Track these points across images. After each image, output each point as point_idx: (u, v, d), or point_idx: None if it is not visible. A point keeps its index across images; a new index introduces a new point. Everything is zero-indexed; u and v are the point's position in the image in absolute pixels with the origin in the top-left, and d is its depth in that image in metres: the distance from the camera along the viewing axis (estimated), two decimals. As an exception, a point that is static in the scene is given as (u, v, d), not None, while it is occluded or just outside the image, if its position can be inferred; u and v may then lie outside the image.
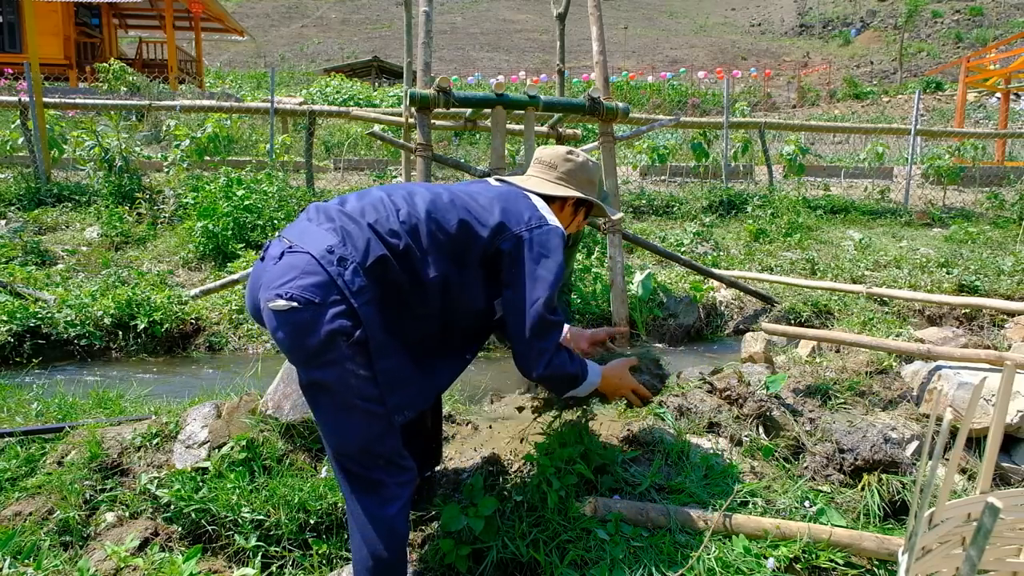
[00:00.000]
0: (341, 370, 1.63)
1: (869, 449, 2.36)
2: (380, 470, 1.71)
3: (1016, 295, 5.09)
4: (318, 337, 1.60)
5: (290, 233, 1.75)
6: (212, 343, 4.42)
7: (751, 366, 2.90)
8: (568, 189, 2.08)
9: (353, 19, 45.84)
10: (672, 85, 26.99)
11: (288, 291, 1.60)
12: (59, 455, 2.34)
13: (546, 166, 2.11)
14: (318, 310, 1.59)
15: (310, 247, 1.66)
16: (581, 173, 2.10)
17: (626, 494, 2.19)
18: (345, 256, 1.65)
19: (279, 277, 1.64)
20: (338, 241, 1.67)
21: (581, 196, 2.09)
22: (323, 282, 1.61)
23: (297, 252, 1.67)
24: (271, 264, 1.69)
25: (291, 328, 1.61)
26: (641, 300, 4.79)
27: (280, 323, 1.62)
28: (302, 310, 1.59)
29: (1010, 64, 13.98)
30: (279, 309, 1.60)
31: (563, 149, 2.12)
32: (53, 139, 8.08)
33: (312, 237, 1.69)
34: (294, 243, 1.70)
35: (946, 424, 1.34)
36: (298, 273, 1.62)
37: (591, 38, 4.85)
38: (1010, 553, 1.55)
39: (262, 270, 1.72)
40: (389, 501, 1.71)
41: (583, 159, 2.11)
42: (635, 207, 8.64)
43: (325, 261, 1.63)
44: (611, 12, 43.81)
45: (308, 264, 1.63)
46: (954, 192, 10.62)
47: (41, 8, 15.23)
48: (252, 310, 1.81)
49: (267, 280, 1.67)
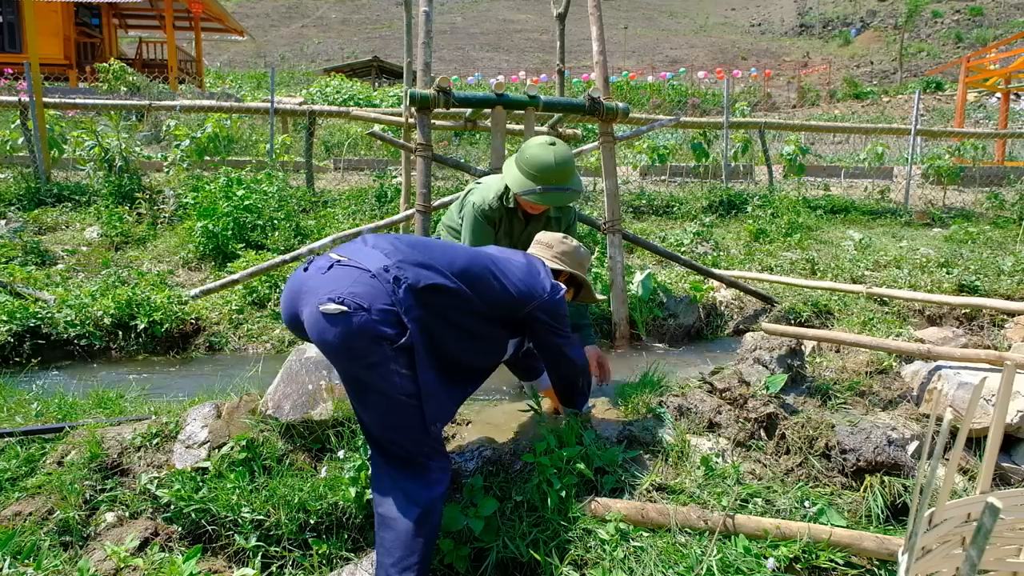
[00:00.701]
0: (385, 370, 1.79)
1: (872, 451, 2.35)
2: (425, 455, 1.88)
3: (1016, 295, 5.09)
4: (365, 340, 1.76)
5: (341, 251, 1.93)
6: (212, 343, 4.42)
7: (751, 366, 2.89)
8: (563, 265, 2.47)
9: (353, 19, 45.84)
10: (672, 85, 26.98)
11: (340, 296, 1.76)
12: (59, 455, 2.34)
13: (545, 246, 2.52)
14: (367, 315, 1.76)
15: (366, 263, 1.84)
16: (574, 255, 2.51)
17: (627, 494, 2.19)
18: (400, 277, 1.83)
19: (330, 284, 1.80)
20: (393, 263, 1.86)
21: (573, 272, 2.49)
22: (375, 292, 1.78)
23: (349, 266, 1.85)
24: (318, 274, 1.86)
25: (340, 330, 1.75)
26: (641, 300, 4.79)
27: (330, 324, 1.76)
28: (352, 314, 1.75)
29: (1010, 64, 13.98)
30: (330, 312, 1.75)
31: (559, 235, 2.56)
32: (53, 139, 8.08)
33: (367, 256, 1.88)
34: (345, 259, 1.87)
35: (946, 424, 1.34)
36: (351, 282, 1.80)
37: (591, 38, 4.85)
38: (1010, 553, 1.55)
39: (305, 279, 1.88)
40: (433, 484, 1.88)
41: (575, 244, 2.55)
42: (635, 207, 8.64)
43: (381, 277, 1.81)
44: (611, 12, 43.80)
45: (361, 276, 1.82)
46: (954, 192, 10.61)
47: (41, 8, 15.23)
48: (289, 318, 1.95)
49: (313, 287, 1.83)
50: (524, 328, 2.24)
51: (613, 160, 4.79)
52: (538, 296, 2.16)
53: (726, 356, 3.76)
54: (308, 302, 1.82)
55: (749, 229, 7.38)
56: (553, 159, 2.86)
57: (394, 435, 1.87)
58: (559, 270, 2.45)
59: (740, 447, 2.47)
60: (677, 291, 5.10)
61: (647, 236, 7.00)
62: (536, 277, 2.21)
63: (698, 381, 2.81)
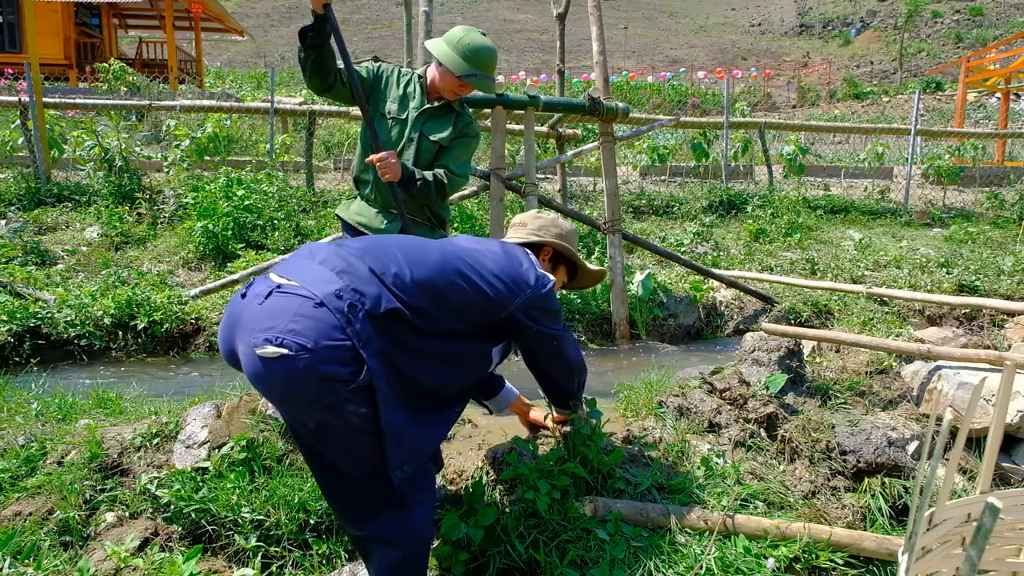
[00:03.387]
0: (341, 411, 1.53)
1: (872, 452, 2.35)
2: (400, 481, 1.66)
3: (1016, 295, 5.09)
4: (313, 385, 1.49)
5: (283, 270, 1.63)
6: (212, 343, 4.42)
7: (751, 366, 2.90)
8: (541, 237, 2.16)
9: (353, 19, 45.84)
10: (672, 85, 26.98)
11: (278, 336, 1.46)
12: (59, 455, 2.34)
13: (518, 226, 2.23)
14: (312, 356, 1.47)
15: (311, 288, 1.54)
16: (552, 227, 2.19)
17: (627, 494, 2.19)
18: (355, 303, 1.54)
19: (266, 319, 1.51)
20: (345, 285, 1.56)
21: (552, 242, 2.16)
22: (320, 327, 1.49)
23: (290, 293, 1.54)
24: (255, 303, 1.56)
25: (283, 376, 1.48)
26: (641, 300, 4.79)
27: (269, 371, 1.48)
28: (294, 357, 1.46)
29: (1010, 64, 13.99)
30: (268, 356, 1.46)
31: (532, 211, 2.31)
32: (53, 139, 8.08)
33: (313, 277, 1.57)
34: (286, 282, 1.57)
35: (946, 424, 1.34)
36: (290, 316, 1.49)
37: (591, 38, 4.85)
38: (1010, 553, 1.55)
39: (242, 308, 1.58)
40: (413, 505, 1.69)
41: (552, 216, 2.26)
42: (635, 207, 8.63)
43: (332, 305, 1.51)
44: (611, 12, 43.80)
45: (303, 305, 1.51)
46: (954, 192, 10.61)
47: (41, 8, 15.22)
48: (226, 351, 1.66)
49: (248, 321, 1.54)
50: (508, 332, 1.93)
51: (613, 160, 4.79)
52: (521, 291, 1.85)
53: (726, 356, 3.76)
54: (242, 338, 1.54)
55: (749, 229, 7.38)
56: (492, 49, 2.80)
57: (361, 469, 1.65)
58: (539, 244, 2.15)
59: (740, 447, 2.47)
60: (677, 291, 5.10)
61: (647, 236, 7.00)
62: (518, 268, 1.89)
63: (698, 381, 2.81)
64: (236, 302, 1.64)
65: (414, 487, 1.70)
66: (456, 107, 2.96)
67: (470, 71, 2.73)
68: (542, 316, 1.91)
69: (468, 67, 2.73)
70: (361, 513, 1.71)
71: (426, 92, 2.92)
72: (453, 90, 2.84)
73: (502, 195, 4.46)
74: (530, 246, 2.13)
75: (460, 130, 2.95)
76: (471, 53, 2.73)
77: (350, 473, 1.68)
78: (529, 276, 1.89)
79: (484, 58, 2.76)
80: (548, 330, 1.94)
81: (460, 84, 2.79)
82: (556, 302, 1.98)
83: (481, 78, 2.77)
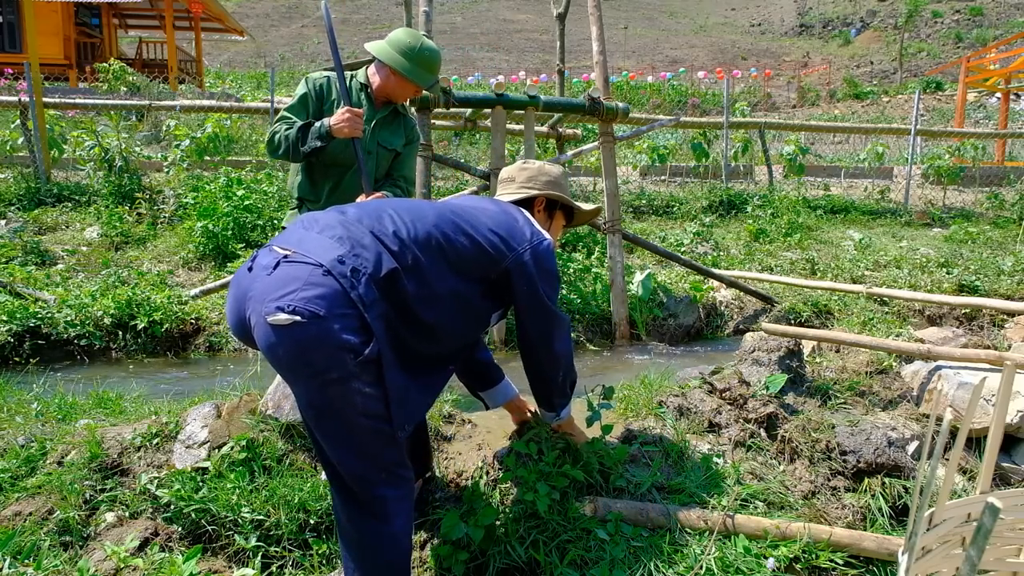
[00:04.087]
0: (346, 388, 1.55)
1: (872, 452, 2.35)
2: (383, 485, 1.66)
3: (1016, 295, 5.09)
4: (324, 353, 1.51)
5: (284, 242, 1.65)
6: (212, 343, 4.42)
7: (751, 366, 2.90)
8: (532, 190, 2.15)
9: (353, 19, 45.84)
10: (672, 85, 26.98)
11: (290, 303, 1.49)
12: (59, 455, 2.34)
13: (506, 182, 2.20)
14: (324, 324, 1.50)
15: (316, 256, 1.57)
16: (540, 175, 2.16)
17: (627, 494, 2.19)
18: (358, 267, 1.57)
19: (277, 288, 1.53)
20: (347, 251, 1.59)
21: (544, 192, 2.14)
22: (331, 294, 1.52)
23: (297, 262, 1.57)
24: (263, 275, 1.58)
25: (293, 344, 1.51)
26: (641, 300, 4.79)
27: (280, 339, 1.51)
28: (307, 324, 1.49)
29: (1010, 64, 13.98)
30: (280, 324, 1.49)
31: (517, 163, 2.22)
32: (53, 139, 8.08)
33: (315, 246, 1.60)
34: (292, 252, 1.60)
35: (946, 424, 1.34)
36: (301, 284, 1.52)
37: (591, 38, 4.85)
38: (1010, 553, 1.55)
39: (251, 280, 1.61)
40: (393, 516, 1.67)
41: (539, 164, 2.21)
42: (635, 207, 8.64)
43: (337, 272, 1.54)
44: (611, 12, 43.81)
45: (311, 275, 1.54)
46: (954, 192, 10.62)
47: (41, 8, 15.23)
48: (235, 325, 1.68)
49: (260, 292, 1.56)
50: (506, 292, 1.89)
51: (613, 160, 4.79)
52: (517, 246, 1.84)
53: (726, 356, 3.76)
54: (254, 309, 1.56)
55: (749, 229, 7.38)
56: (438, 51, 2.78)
57: (349, 464, 1.64)
58: (531, 197, 2.13)
59: (740, 447, 2.47)
60: (677, 291, 5.10)
61: (647, 236, 7.00)
62: (513, 224, 1.89)
63: (698, 381, 2.81)
64: (243, 275, 1.66)
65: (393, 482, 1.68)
66: (400, 110, 2.91)
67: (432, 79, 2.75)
68: (539, 275, 1.87)
69: (430, 76, 2.73)
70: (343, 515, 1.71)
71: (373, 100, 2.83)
72: (408, 96, 2.83)
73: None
74: (522, 201, 2.13)
75: (409, 136, 2.93)
76: (426, 61, 2.70)
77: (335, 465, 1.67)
78: (525, 231, 1.90)
79: (438, 63, 2.77)
80: (541, 295, 1.89)
81: (416, 90, 2.78)
82: (554, 263, 1.94)
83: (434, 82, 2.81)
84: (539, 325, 1.94)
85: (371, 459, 1.64)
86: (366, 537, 1.67)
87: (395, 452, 1.68)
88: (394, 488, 1.68)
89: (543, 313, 1.91)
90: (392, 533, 1.67)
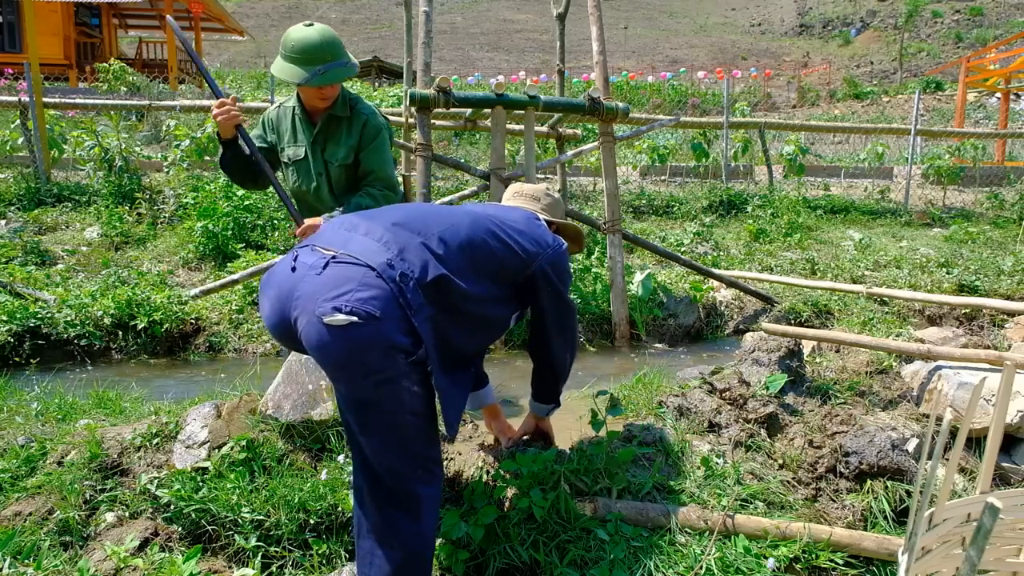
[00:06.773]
0: (397, 387, 1.59)
1: (875, 455, 2.33)
2: (418, 482, 1.68)
3: (1016, 295, 5.09)
4: (378, 353, 1.55)
5: (328, 243, 1.69)
6: (212, 343, 4.42)
7: (751, 366, 2.89)
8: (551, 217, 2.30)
9: (353, 19, 45.83)
10: (672, 85, 26.98)
11: (347, 304, 1.52)
12: (59, 455, 2.34)
13: (531, 198, 2.33)
14: (380, 325, 1.53)
15: (365, 258, 1.60)
16: (556, 208, 2.34)
17: (627, 494, 2.19)
18: (406, 272, 1.61)
19: (331, 288, 1.55)
20: (395, 255, 1.63)
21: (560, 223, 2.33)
22: (383, 295, 1.56)
23: (347, 263, 1.61)
24: (311, 274, 1.61)
25: (349, 344, 1.53)
26: (641, 300, 4.79)
27: (335, 338, 1.53)
28: (363, 325, 1.52)
29: (1010, 64, 13.99)
30: (337, 324, 1.51)
31: (542, 186, 2.41)
32: (53, 139, 8.07)
33: (363, 248, 1.64)
34: (339, 253, 1.63)
35: (946, 424, 1.34)
36: (356, 285, 1.55)
37: (591, 38, 4.85)
38: (1010, 553, 1.55)
39: (296, 281, 1.63)
40: (425, 514, 1.69)
41: (557, 196, 2.40)
42: (635, 207, 8.64)
43: (387, 275, 1.58)
44: (611, 12, 43.79)
45: (365, 276, 1.58)
46: (954, 192, 10.62)
47: (41, 8, 15.23)
48: (277, 323, 1.70)
49: (310, 292, 1.58)
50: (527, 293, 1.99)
51: (613, 160, 4.79)
52: (544, 249, 1.97)
53: (726, 356, 3.76)
54: (304, 309, 1.58)
55: (749, 229, 7.38)
56: (318, 37, 2.56)
57: (392, 459, 1.65)
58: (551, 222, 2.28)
59: (740, 447, 2.47)
60: (677, 291, 5.10)
61: (647, 236, 7.00)
62: (538, 228, 2.04)
63: (698, 381, 2.81)
64: (284, 275, 1.68)
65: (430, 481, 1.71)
66: (340, 112, 2.74)
67: (311, 72, 2.54)
68: (559, 275, 2.01)
69: (306, 70, 2.54)
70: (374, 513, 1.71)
71: (307, 117, 2.76)
72: (318, 98, 2.68)
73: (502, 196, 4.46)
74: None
75: (363, 132, 2.74)
76: (299, 53, 2.53)
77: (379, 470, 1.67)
78: (547, 236, 2.04)
79: (314, 50, 2.54)
80: (562, 293, 2.03)
81: (317, 89, 2.62)
82: (569, 264, 2.10)
83: (327, 71, 2.56)
84: (559, 319, 2.07)
85: (413, 456, 1.68)
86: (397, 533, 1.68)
87: (436, 450, 1.74)
88: (430, 486, 1.72)
89: (563, 307, 2.06)
90: (422, 531, 1.70)
